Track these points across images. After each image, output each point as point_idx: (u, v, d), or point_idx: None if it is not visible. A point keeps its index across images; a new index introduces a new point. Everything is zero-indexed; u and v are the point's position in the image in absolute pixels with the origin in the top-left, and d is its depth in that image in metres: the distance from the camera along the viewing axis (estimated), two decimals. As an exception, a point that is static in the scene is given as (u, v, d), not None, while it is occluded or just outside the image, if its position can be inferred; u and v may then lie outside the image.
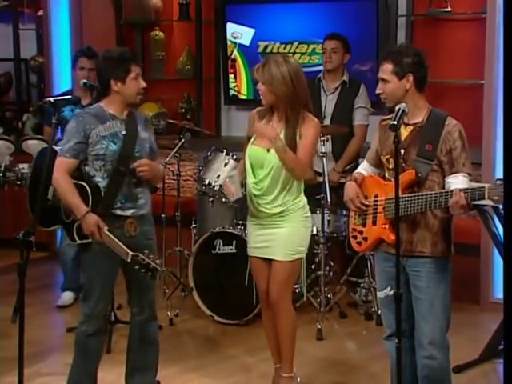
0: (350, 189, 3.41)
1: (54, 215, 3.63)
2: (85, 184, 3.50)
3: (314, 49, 5.87)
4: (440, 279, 3.26)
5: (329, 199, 4.93)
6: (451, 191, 3.09)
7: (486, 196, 3.00)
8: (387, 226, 3.29)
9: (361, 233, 3.42)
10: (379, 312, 4.97)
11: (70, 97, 3.61)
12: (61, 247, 5.39)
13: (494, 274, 5.16)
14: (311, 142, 3.66)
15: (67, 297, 5.41)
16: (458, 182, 3.17)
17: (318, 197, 4.97)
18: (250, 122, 3.79)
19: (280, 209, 3.68)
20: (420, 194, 3.19)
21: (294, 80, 3.59)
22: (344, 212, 5.14)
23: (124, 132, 3.53)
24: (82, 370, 3.68)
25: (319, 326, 4.80)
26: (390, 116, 3.37)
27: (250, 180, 3.72)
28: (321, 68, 5.52)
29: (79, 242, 3.54)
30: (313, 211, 5.03)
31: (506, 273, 2.49)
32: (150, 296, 3.71)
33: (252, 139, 3.73)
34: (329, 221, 5.04)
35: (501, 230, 4.34)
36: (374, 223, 3.34)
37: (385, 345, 3.44)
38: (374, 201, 3.35)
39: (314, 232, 5.04)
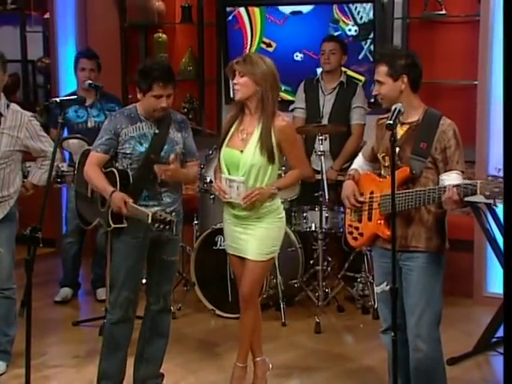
0: (348, 187, 3.48)
1: (94, 210, 3.79)
2: (114, 169, 3.63)
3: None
4: (431, 274, 3.31)
5: (327, 196, 5.03)
6: (444, 187, 3.15)
7: (478, 191, 3.05)
8: (382, 222, 3.35)
9: (357, 228, 3.47)
10: (376, 306, 5.10)
11: (75, 97, 3.71)
12: (63, 244, 5.48)
13: (487, 268, 5.24)
14: (300, 147, 3.82)
15: (65, 293, 5.48)
16: (450, 178, 3.23)
17: (316, 194, 5.08)
18: (225, 126, 3.82)
19: (253, 211, 3.71)
20: (414, 190, 3.24)
21: (273, 76, 3.65)
22: (342, 209, 5.23)
23: (157, 130, 3.63)
24: (108, 358, 3.77)
25: (317, 320, 4.87)
26: (386, 115, 3.41)
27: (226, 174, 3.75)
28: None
29: (113, 226, 3.64)
30: (311, 208, 5.20)
31: (505, 271, 2.53)
32: (167, 287, 3.82)
33: (226, 141, 3.75)
34: (327, 217, 5.13)
35: (494, 226, 4.45)
36: (370, 219, 3.40)
37: (381, 338, 3.49)
38: (370, 197, 3.41)
39: (313, 228, 5.16)
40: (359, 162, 3.60)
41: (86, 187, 3.86)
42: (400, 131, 3.34)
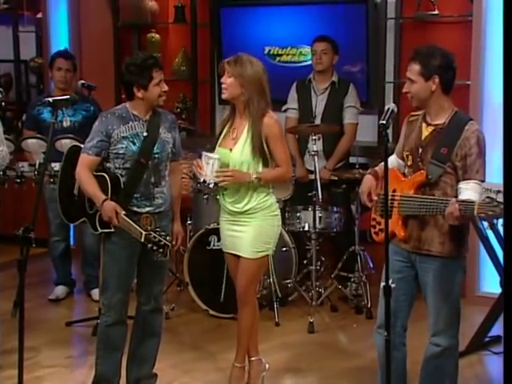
0: (365, 182, 3.47)
1: (80, 209, 3.79)
2: (105, 174, 3.64)
3: (300, 52, 6.02)
4: (447, 276, 3.30)
5: (320, 196, 5.03)
6: (449, 200, 3.14)
7: (476, 212, 3.05)
8: (400, 222, 3.34)
9: (379, 223, 3.45)
10: (369, 306, 5.12)
11: (68, 97, 3.69)
12: (50, 244, 5.48)
13: (480, 268, 5.25)
14: (285, 147, 3.80)
15: (59, 291, 5.50)
16: (468, 188, 3.20)
17: (309, 194, 5.09)
18: (219, 128, 3.89)
19: (247, 207, 3.75)
20: (424, 197, 3.23)
21: (263, 78, 3.69)
22: (335, 209, 5.28)
23: (145, 133, 3.65)
24: (105, 361, 3.77)
25: (311, 320, 4.89)
26: (418, 112, 3.41)
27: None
28: (303, 64, 5.74)
29: (100, 230, 3.67)
30: (305, 208, 5.21)
31: (506, 271, 2.54)
32: (158, 288, 3.82)
33: (219, 141, 3.81)
34: (320, 217, 5.14)
35: (486, 225, 4.47)
36: (390, 216, 3.34)
37: (374, 337, 3.47)
38: (392, 195, 3.34)
39: (306, 228, 5.17)
40: (391, 159, 3.52)
41: (72, 185, 3.85)
42: (425, 132, 3.33)
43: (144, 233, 3.49)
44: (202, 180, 3.71)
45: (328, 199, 5.37)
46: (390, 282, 3.22)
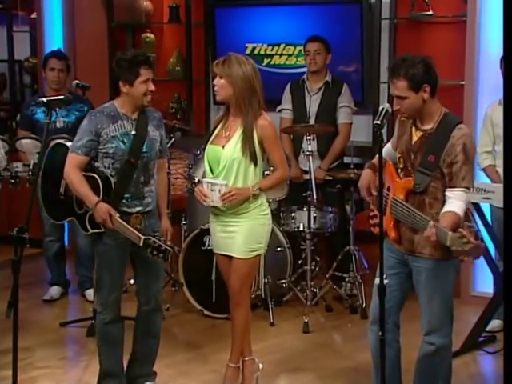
0: (364, 177, 3.47)
1: (67, 208, 3.78)
2: (95, 175, 3.62)
3: (300, 51, 5.94)
4: (440, 276, 3.30)
5: (315, 196, 5.03)
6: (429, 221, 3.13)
7: (448, 243, 3.01)
8: (392, 223, 3.34)
9: (376, 216, 3.44)
10: (364, 305, 5.12)
11: (62, 97, 3.69)
12: (44, 244, 5.47)
13: (474, 268, 5.24)
14: (280, 148, 3.81)
15: (54, 291, 5.49)
16: (453, 197, 3.19)
17: (304, 194, 5.09)
18: (212, 126, 3.91)
19: (237, 207, 3.74)
20: (411, 209, 3.21)
21: (254, 78, 3.67)
22: (330, 209, 5.28)
23: (134, 132, 3.65)
24: (108, 357, 3.79)
25: (305, 320, 4.89)
26: None
27: (208, 178, 3.79)
28: (299, 71, 5.76)
29: (91, 231, 3.66)
30: (299, 208, 5.22)
31: (505, 271, 2.54)
32: (156, 286, 3.83)
33: (211, 139, 3.81)
34: (315, 217, 5.14)
35: (480, 225, 4.48)
36: (385, 213, 3.32)
37: (368, 335, 3.47)
38: (386, 193, 3.35)
39: (301, 228, 5.18)
40: (386, 149, 3.48)
41: (58, 183, 3.82)
42: (415, 137, 3.32)
43: (143, 237, 3.48)
44: (206, 205, 3.77)
45: (323, 199, 5.38)
46: (384, 276, 3.19)
